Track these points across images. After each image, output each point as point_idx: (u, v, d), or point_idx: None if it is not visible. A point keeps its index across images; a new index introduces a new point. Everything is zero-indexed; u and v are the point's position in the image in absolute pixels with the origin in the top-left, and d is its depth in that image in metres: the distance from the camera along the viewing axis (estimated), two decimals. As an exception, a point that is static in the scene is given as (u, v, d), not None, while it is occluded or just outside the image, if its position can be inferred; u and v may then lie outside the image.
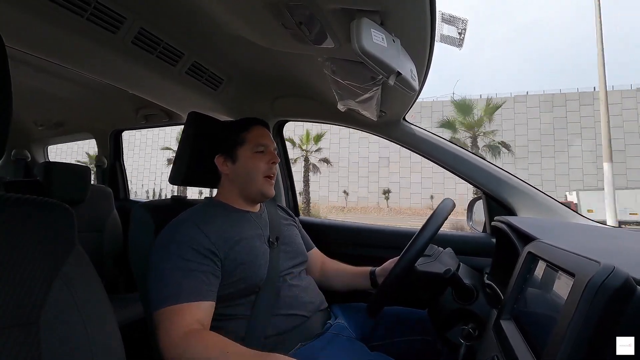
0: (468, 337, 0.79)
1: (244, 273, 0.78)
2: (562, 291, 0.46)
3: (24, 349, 0.37)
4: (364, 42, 0.55)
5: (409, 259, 0.77)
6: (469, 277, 0.89)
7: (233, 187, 0.91)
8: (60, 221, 0.45)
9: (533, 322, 0.54)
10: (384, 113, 1.10)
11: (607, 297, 0.37)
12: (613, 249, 0.65)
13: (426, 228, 0.79)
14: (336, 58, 0.79)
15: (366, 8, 0.57)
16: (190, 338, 0.64)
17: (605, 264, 0.39)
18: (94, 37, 0.83)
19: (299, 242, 0.99)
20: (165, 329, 0.66)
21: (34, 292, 0.39)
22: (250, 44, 0.85)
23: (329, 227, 1.43)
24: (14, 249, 0.39)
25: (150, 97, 1.30)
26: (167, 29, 0.92)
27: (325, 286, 1.01)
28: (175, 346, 0.64)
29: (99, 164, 2.19)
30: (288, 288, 0.85)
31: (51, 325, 0.39)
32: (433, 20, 0.61)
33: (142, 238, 0.85)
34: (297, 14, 0.63)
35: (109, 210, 1.72)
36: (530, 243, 0.64)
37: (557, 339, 0.40)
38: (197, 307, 0.70)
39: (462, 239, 1.23)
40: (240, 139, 0.90)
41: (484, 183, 1.17)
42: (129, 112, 1.83)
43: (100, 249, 1.63)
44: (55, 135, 2.32)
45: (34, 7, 0.72)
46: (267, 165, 0.90)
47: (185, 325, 0.66)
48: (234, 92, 1.26)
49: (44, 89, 1.62)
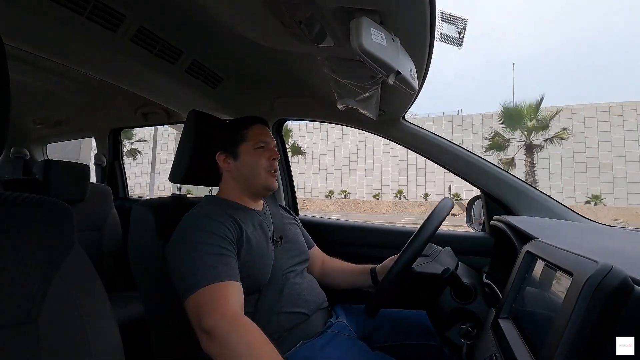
0: (467, 336, 0.79)
1: (250, 271, 0.78)
2: (560, 290, 0.46)
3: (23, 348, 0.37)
4: (364, 41, 0.55)
5: (407, 259, 0.77)
6: (468, 276, 0.89)
7: (236, 184, 0.91)
8: (59, 220, 0.44)
9: (531, 321, 0.54)
10: (384, 112, 1.10)
11: (604, 297, 0.37)
12: (611, 248, 0.66)
13: (424, 228, 0.79)
14: (336, 57, 0.79)
15: (366, 7, 0.57)
16: (238, 323, 0.63)
17: (603, 264, 0.39)
18: (93, 35, 0.83)
19: (301, 241, 0.99)
20: (210, 305, 0.64)
21: (33, 291, 0.39)
22: (250, 42, 0.85)
23: (329, 226, 1.43)
24: (12, 247, 0.39)
25: (150, 95, 1.30)
26: (167, 28, 0.92)
27: (325, 284, 1.01)
28: (222, 324, 0.61)
29: (98, 163, 2.18)
30: (290, 286, 0.85)
31: (50, 323, 0.39)
32: (432, 20, 0.61)
33: (142, 236, 0.85)
34: (297, 13, 0.63)
35: (108, 209, 1.72)
36: (529, 242, 0.64)
37: (555, 338, 0.40)
38: (236, 286, 0.70)
39: (461, 238, 1.23)
40: (241, 136, 0.91)
41: (483, 182, 1.17)
42: (128, 110, 1.83)
43: (100, 247, 1.63)
44: (54, 133, 2.31)
45: (33, 5, 0.72)
46: (268, 161, 0.90)
47: (232, 304, 0.65)
48: (234, 90, 1.26)
49: (43, 87, 1.62)
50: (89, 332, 0.42)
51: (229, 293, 0.67)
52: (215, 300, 0.65)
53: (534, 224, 0.83)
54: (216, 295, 0.66)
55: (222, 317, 0.63)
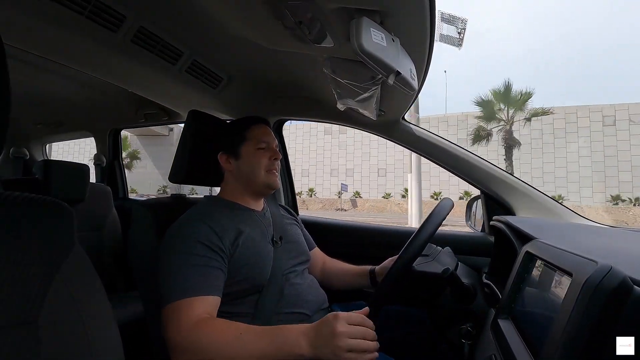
0: (467, 336, 0.79)
1: (249, 272, 0.78)
2: (559, 291, 0.46)
3: (23, 349, 0.37)
4: (364, 42, 0.55)
5: (407, 259, 0.77)
6: (468, 276, 0.89)
7: (237, 184, 0.92)
8: (59, 220, 0.44)
9: (531, 321, 0.55)
10: (383, 112, 1.10)
11: (604, 297, 0.37)
12: (611, 248, 0.66)
13: (424, 228, 0.79)
14: (336, 57, 0.79)
15: (366, 7, 0.57)
16: (201, 326, 0.65)
17: (603, 264, 0.39)
18: (93, 35, 0.83)
19: (301, 241, 1.00)
20: (175, 321, 0.66)
21: (33, 291, 0.39)
22: (250, 43, 0.85)
23: (330, 226, 1.43)
24: (12, 247, 0.39)
25: (150, 95, 1.30)
26: (167, 28, 0.92)
27: (326, 285, 1.01)
28: (186, 336, 0.64)
29: (98, 163, 2.18)
30: (291, 287, 0.85)
31: (50, 324, 0.39)
32: (432, 20, 0.61)
33: (142, 236, 0.85)
34: (297, 13, 0.63)
35: (108, 209, 1.72)
36: (529, 243, 0.65)
37: (555, 338, 0.40)
38: (206, 300, 0.70)
39: (460, 238, 1.24)
40: (243, 136, 0.91)
41: (483, 182, 1.17)
42: (128, 110, 1.83)
43: (100, 247, 1.63)
44: (54, 133, 2.31)
45: (33, 5, 0.72)
46: (270, 161, 0.91)
47: (194, 316, 0.67)
48: (234, 90, 1.26)
49: (43, 87, 1.62)
50: (89, 332, 0.42)
51: (194, 306, 0.68)
52: (179, 315, 0.67)
53: (534, 224, 0.83)
54: (179, 311, 0.67)
55: (185, 328, 0.65)
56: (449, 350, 0.87)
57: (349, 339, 0.56)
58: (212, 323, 0.67)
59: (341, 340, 0.55)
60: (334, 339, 0.55)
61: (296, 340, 0.60)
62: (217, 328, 0.65)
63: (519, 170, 15.49)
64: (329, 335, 0.56)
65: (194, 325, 0.65)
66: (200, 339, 0.63)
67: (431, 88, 43.87)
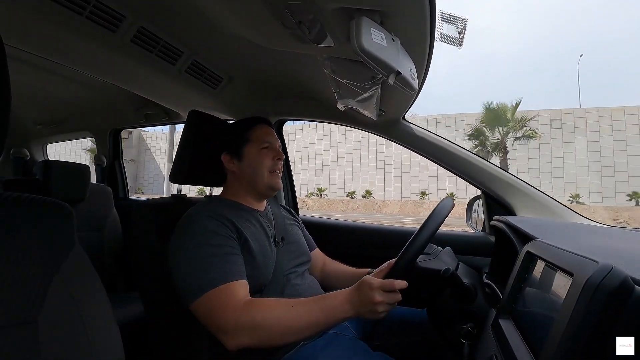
0: (467, 336, 0.79)
1: (252, 272, 0.78)
2: (560, 290, 0.46)
3: (23, 348, 0.37)
4: (364, 41, 0.55)
5: (409, 257, 0.77)
6: (468, 276, 0.89)
7: (240, 185, 0.92)
8: (59, 220, 0.44)
9: (531, 321, 0.54)
10: (384, 112, 1.10)
11: (605, 297, 0.37)
12: (611, 248, 0.66)
13: (425, 227, 0.79)
14: (336, 57, 0.79)
15: (366, 7, 0.57)
16: (251, 305, 0.68)
17: (604, 264, 0.39)
18: (93, 35, 0.83)
19: (302, 242, 1.00)
20: (223, 306, 0.68)
21: (33, 291, 0.39)
22: (250, 43, 0.85)
23: (330, 227, 1.43)
24: (12, 247, 0.39)
25: (150, 95, 1.30)
26: (167, 28, 0.92)
27: (325, 286, 1.01)
28: (239, 316, 0.66)
29: (98, 163, 2.18)
30: (292, 287, 0.85)
31: (50, 324, 0.39)
32: (433, 20, 0.61)
33: (143, 237, 0.85)
34: (297, 13, 0.63)
35: (108, 209, 1.72)
36: (529, 242, 0.64)
37: (555, 338, 0.40)
38: (242, 284, 0.73)
39: (461, 238, 1.23)
40: (246, 137, 0.91)
41: (484, 182, 1.17)
42: (128, 110, 1.83)
43: (100, 248, 1.63)
44: (54, 133, 2.31)
45: (33, 5, 0.72)
46: (273, 161, 0.91)
47: (240, 298, 0.69)
48: (234, 91, 1.26)
49: (43, 87, 1.62)
50: (89, 332, 0.42)
51: (236, 290, 0.70)
52: (225, 300, 0.68)
53: (534, 224, 0.83)
54: (224, 295, 0.69)
55: (235, 310, 0.67)
56: (449, 351, 0.87)
57: (386, 304, 0.67)
58: (259, 301, 0.70)
59: (379, 306, 0.66)
60: (374, 306, 0.66)
61: (342, 306, 0.68)
62: (266, 304, 0.69)
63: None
64: (369, 303, 0.67)
65: (244, 305, 0.68)
66: (254, 317, 0.66)
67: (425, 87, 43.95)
